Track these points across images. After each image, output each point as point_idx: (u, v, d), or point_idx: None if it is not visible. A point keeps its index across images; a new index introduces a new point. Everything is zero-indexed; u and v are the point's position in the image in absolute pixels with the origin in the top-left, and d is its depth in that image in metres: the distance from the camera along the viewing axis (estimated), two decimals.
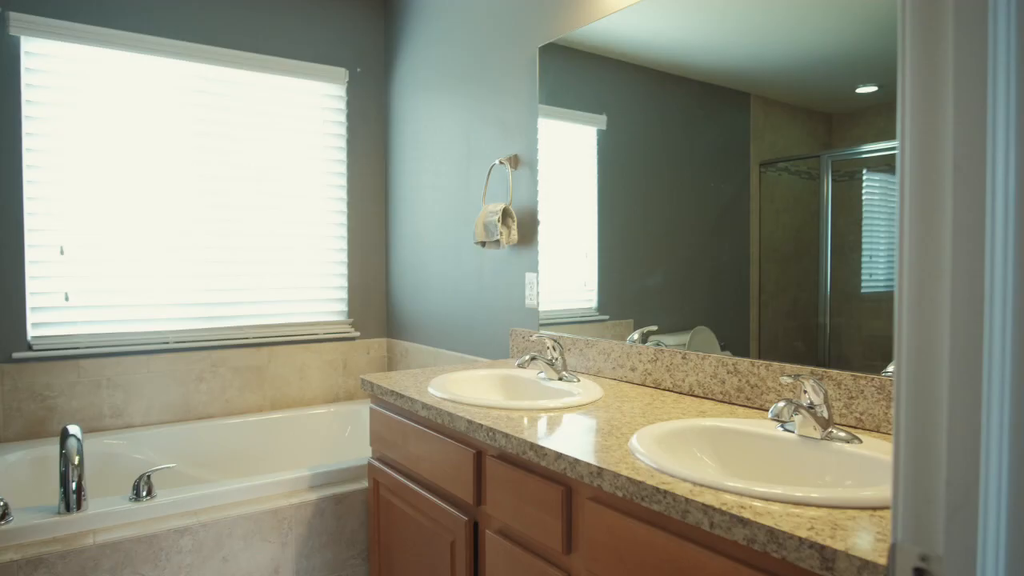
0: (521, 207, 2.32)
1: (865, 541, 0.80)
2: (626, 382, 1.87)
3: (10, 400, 2.43)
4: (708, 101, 1.65)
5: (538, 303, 2.25)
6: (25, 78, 2.45)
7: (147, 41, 2.63)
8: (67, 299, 2.55)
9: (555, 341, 1.89)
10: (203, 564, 1.76)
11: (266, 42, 2.95)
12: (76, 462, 1.72)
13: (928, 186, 0.53)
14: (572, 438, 1.28)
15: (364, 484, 2.05)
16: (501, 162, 2.36)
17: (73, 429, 1.78)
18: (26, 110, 2.46)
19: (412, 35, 3.02)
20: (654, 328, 1.84)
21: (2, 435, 2.42)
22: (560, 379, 1.85)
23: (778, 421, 1.25)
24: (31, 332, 2.49)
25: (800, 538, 0.82)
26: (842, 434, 1.20)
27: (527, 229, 2.30)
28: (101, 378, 2.59)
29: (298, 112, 3.05)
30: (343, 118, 3.18)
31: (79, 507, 1.71)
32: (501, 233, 2.27)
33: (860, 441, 1.18)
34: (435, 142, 2.85)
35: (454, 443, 1.55)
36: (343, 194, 3.19)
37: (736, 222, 1.59)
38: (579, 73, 2.05)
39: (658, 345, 1.79)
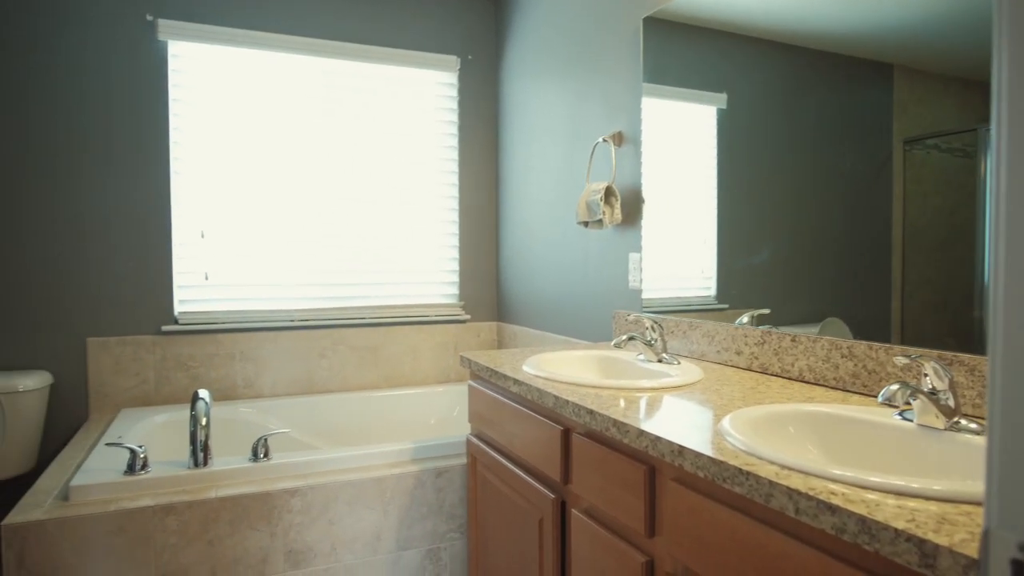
0: (624, 186, 2.25)
1: (977, 538, 0.69)
2: (730, 366, 1.76)
3: (160, 369, 2.71)
4: (845, 75, 1.49)
5: (641, 284, 2.18)
6: (171, 79, 2.71)
7: (274, 39, 2.82)
8: (207, 278, 2.81)
9: (655, 322, 1.81)
10: (311, 524, 1.87)
11: (381, 33, 3.06)
12: (204, 423, 1.88)
13: None
14: (660, 418, 1.22)
15: (463, 460, 2.09)
16: (605, 140, 2.30)
17: (203, 393, 1.95)
18: (172, 108, 2.72)
19: (521, 19, 3.02)
20: (766, 311, 1.72)
21: (154, 399, 2.71)
22: (659, 361, 1.78)
23: (890, 406, 1.12)
24: (177, 308, 2.76)
25: (896, 530, 0.72)
26: (972, 425, 1.05)
27: (631, 208, 2.22)
28: (235, 351, 2.83)
29: (412, 101, 3.14)
30: (455, 105, 3.24)
31: (205, 463, 1.87)
32: (604, 212, 2.22)
33: None
34: (542, 124, 2.84)
35: (543, 420, 1.53)
36: (455, 179, 3.26)
37: (876, 206, 1.43)
38: (689, 47, 1.94)
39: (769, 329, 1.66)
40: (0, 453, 2.29)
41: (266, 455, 1.94)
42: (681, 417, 1.22)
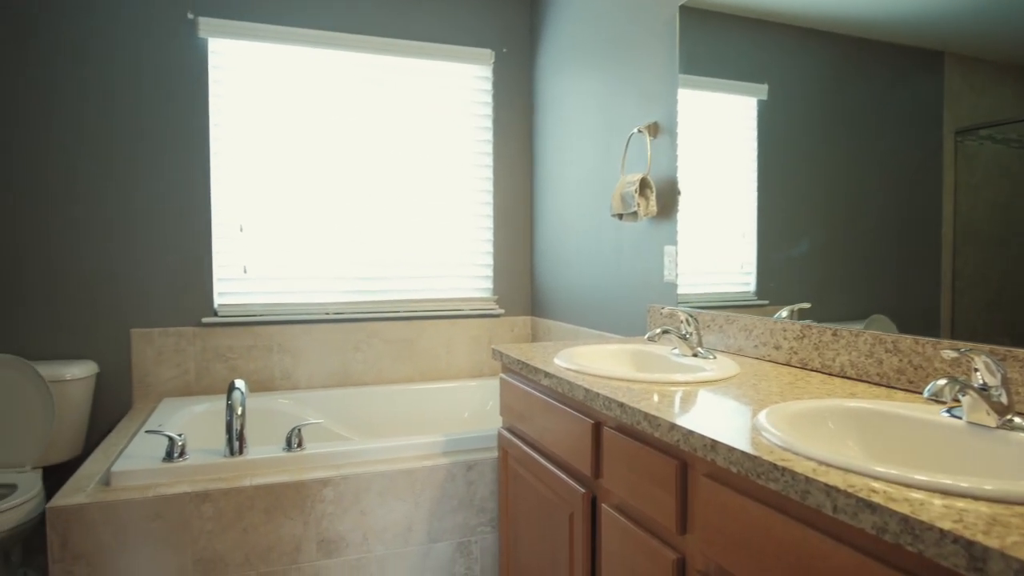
0: (660, 177, 2.20)
1: None
2: (768, 361, 1.71)
3: (200, 360, 2.77)
4: (891, 63, 1.43)
5: (677, 277, 2.13)
6: (211, 75, 2.76)
7: (311, 35, 2.85)
8: (245, 272, 2.86)
9: (690, 315, 1.77)
10: (343, 514, 1.88)
11: (416, 27, 3.07)
12: (239, 412, 1.91)
13: None
14: (693, 411, 1.19)
15: (495, 454, 2.08)
16: (639, 130, 2.26)
17: (239, 383, 1.98)
18: (212, 104, 2.77)
19: (556, 10, 2.99)
20: (806, 305, 1.66)
21: (195, 389, 2.77)
22: (694, 355, 1.74)
23: (937, 402, 1.06)
24: (217, 300, 2.82)
25: (942, 530, 0.68)
26: None
27: (666, 200, 2.18)
28: (273, 344, 2.87)
29: (446, 94, 3.14)
30: (489, 99, 3.23)
31: (241, 452, 1.90)
32: (638, 204, 2.18)
33: None
34: (576, 117, 2.80)
35: (574, 413, 1.51)
36: (489, 173, 3.25)
37: (925, 199, 1.36)
38: (727, 37, 1.89)
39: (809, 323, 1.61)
40: (50, 439, 2.36)
41: (300, 445, 1.96)
42: (715, 411, 1.18)
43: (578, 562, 1.50)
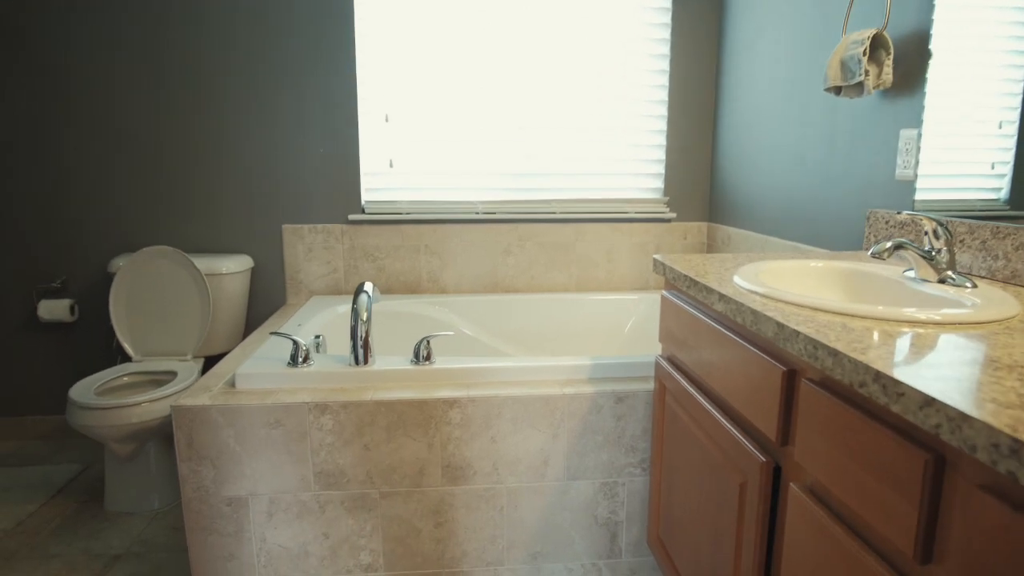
0: (901, 35, 1.59)
1: None
2: None
3: (348, 258, 2.68)
4: None
5: (916, 172, 1.56)
6: None
7: None
8: (391, 165, 2.67)
9: (939, 223, 1.24)
10: (471, 440, 1.66)
11: None
12: (364, 318, 1.74)
13: None
14: (955, 375, 0.74)
15: (650, 385, 1.73)
16: None
17: (367, 287, 1.80)
18: None
19: None
20: None
21: (344, 288, 2.70)
22: (941, 281, 1.23)
23: None
24: (364, 196, 2.68)
25: None
26: None
27: (909, 66, 1.57)
28: (420, 244, 2.70)
29: None
30: None
31: (366, 361, 1.74)
32: (866, 71, 1.60)
33: None
34: None
35: (756, 353, 1.10)
36: (665, 49, 2.71)
37: None
38: None
39: None
40: (208, 331, 2.41)
41: (428, 358, 1.76)
42: (997, 379, 0.73)
43: (748, 544, 1.15)
